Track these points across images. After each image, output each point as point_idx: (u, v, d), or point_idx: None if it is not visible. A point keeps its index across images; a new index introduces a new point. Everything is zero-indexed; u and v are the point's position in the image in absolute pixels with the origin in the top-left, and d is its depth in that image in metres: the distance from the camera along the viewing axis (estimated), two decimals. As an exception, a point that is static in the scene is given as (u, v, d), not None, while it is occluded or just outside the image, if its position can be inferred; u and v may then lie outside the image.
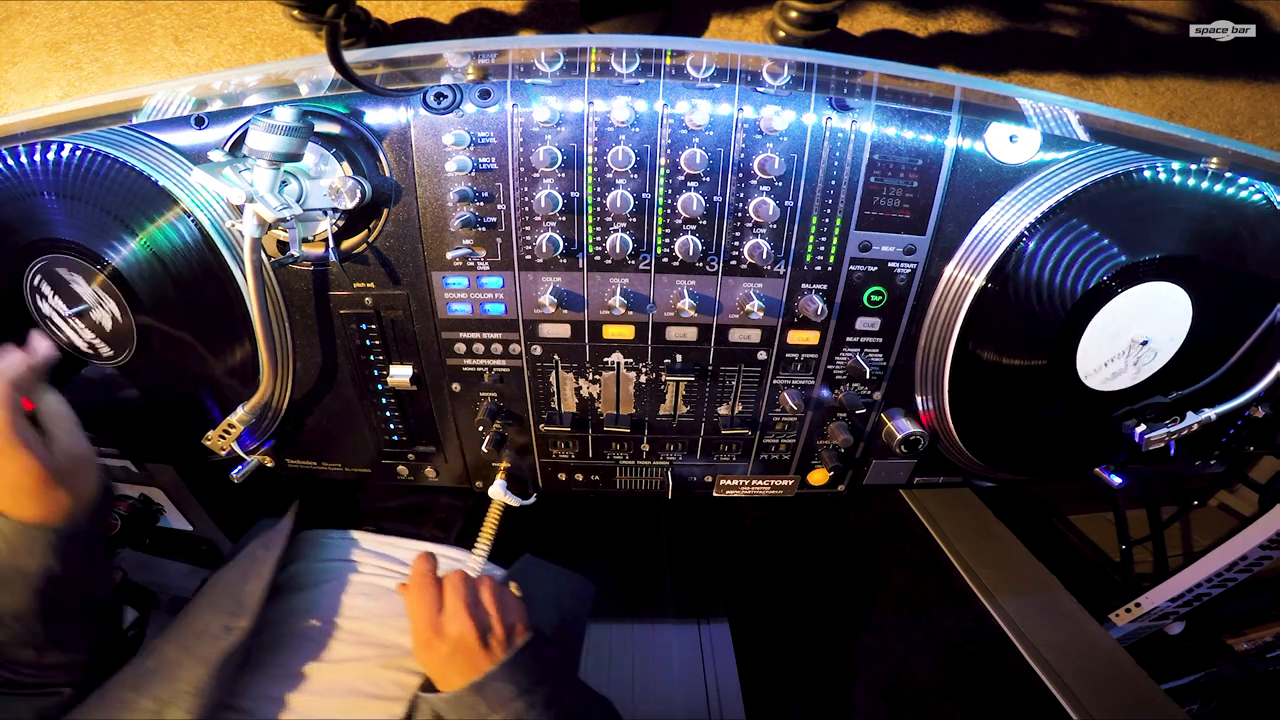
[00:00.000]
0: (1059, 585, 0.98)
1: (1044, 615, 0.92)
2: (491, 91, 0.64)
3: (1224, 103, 1.51)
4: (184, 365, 0.75)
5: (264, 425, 0.80)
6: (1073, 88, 1.49)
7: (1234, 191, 0.69)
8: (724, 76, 0.65)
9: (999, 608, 0.93)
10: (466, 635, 0.71)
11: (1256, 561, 0.99)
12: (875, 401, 0.81)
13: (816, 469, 0.88)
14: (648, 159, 0.66)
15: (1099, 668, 0.84)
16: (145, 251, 0.68)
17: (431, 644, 0.72)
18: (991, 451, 0.83)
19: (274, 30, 1.40)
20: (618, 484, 0.89)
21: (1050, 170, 0.67)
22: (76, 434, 0.64)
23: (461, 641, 0.71)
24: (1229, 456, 0.92)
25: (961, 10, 1.47)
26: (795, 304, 0.73)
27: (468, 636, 0.71)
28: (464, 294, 0.72)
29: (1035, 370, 0.74)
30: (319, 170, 0.63)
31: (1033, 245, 0.67)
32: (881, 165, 0.66)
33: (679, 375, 0.76)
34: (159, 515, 1.19)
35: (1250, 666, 1.31)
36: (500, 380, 0.79)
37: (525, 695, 0.68)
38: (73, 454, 0.62)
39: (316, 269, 0.71)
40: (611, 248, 0.67)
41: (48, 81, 1.37)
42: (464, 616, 0.72)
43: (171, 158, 0.66)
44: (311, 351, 0.76)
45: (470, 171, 0.66)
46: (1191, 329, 0.73)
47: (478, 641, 0.71)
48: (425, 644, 0.72)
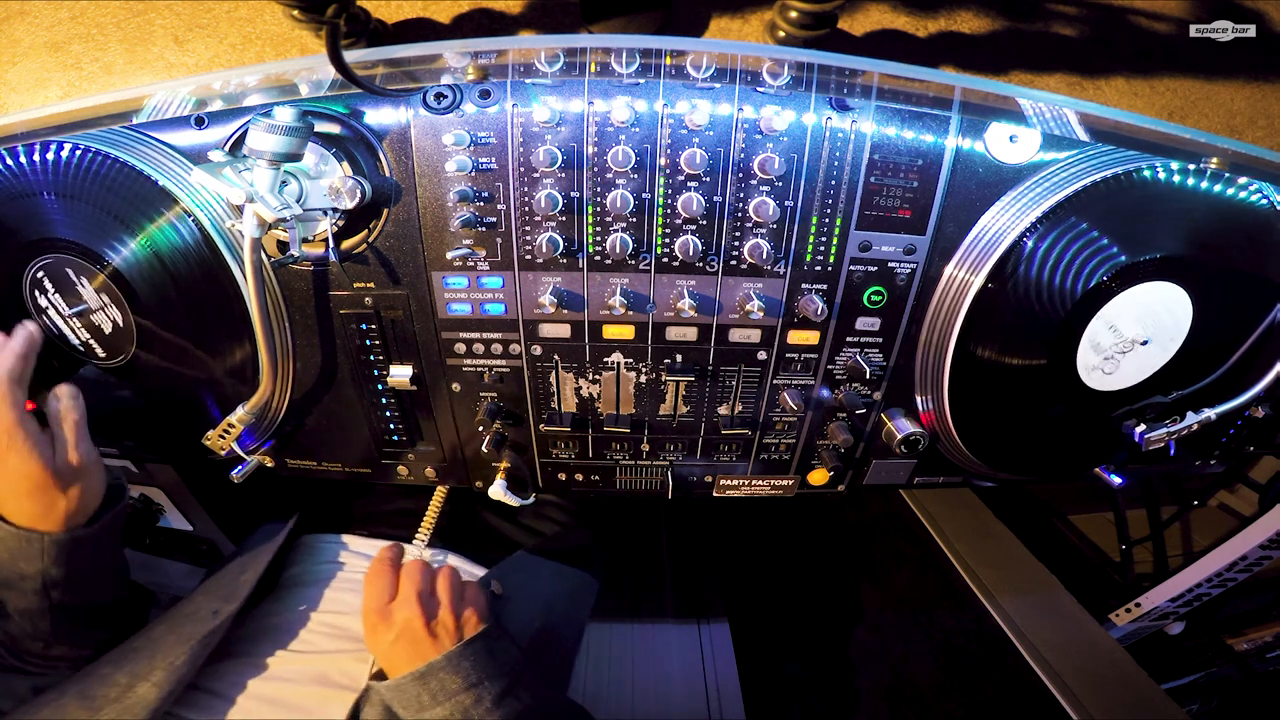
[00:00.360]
0: (1059, 585, 0.98)
1: (1044, 615, 0.92)
2: (491, 91, 0.64)
3: (1224, 103, 1.51)
4: (184, 365, 0.75)
5: (264, 425, 0.80)
6: (1073, 88, 1.49)
7: (1234, 191, 0.69)
8: (724, 76, 0.65)
9: (999, 608, 0.93)
10: (413, 621, 0.69)
11: (1256, 561, 0.99)
12: (875, 401, 0.81)
13: (816, 469, 0.88)
14: (648, 159, 0.66)
15: (1099, 668, 0.84)
16: (145, 251, 0.68)
17: (378, 629, 0.70)
18: (991, 451, 0.83)
19: (274, 30, 1.40)
20: (618, 484, 0.89)
21: (1050, 170, 0.67)
22: (82, 438, 0.63)
23: (407, 627, 0.69)
24: (1229, 456, 0.92)
25: (961, 10, 1.47)
26: (795, 304, 0.73)
27: (414, 622, 0.69)
28: (464, 294, 0.72)
29: (1035, 370, 0.74)
30: (319, 170, 0.63)
31: (1032, 245, 0.67)
32: (881, 165, 0.66)
33: (679, 375, 0.76)
34: (159, 515, 1.19)
35: (1250, 666, 1.31)
36: (500, 380, 0.79)
37: (472, 689, 0.66)
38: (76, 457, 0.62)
39: (316, 269, 0.71)
40: (611, 248, 0.67)
41: (48, 81, 1.37)
42: (413, 603, 0.70)
43: (171, 158, 0.66)
44: (311, 351, 0.76)
45: (470, 171, 0.66)
46: (1191, 329, 0.73)
47: (424, 629, 0.69)
48: (372, 628, 0.71)
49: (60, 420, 0.62)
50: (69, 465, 0.61)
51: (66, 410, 0.63)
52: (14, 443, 0.58)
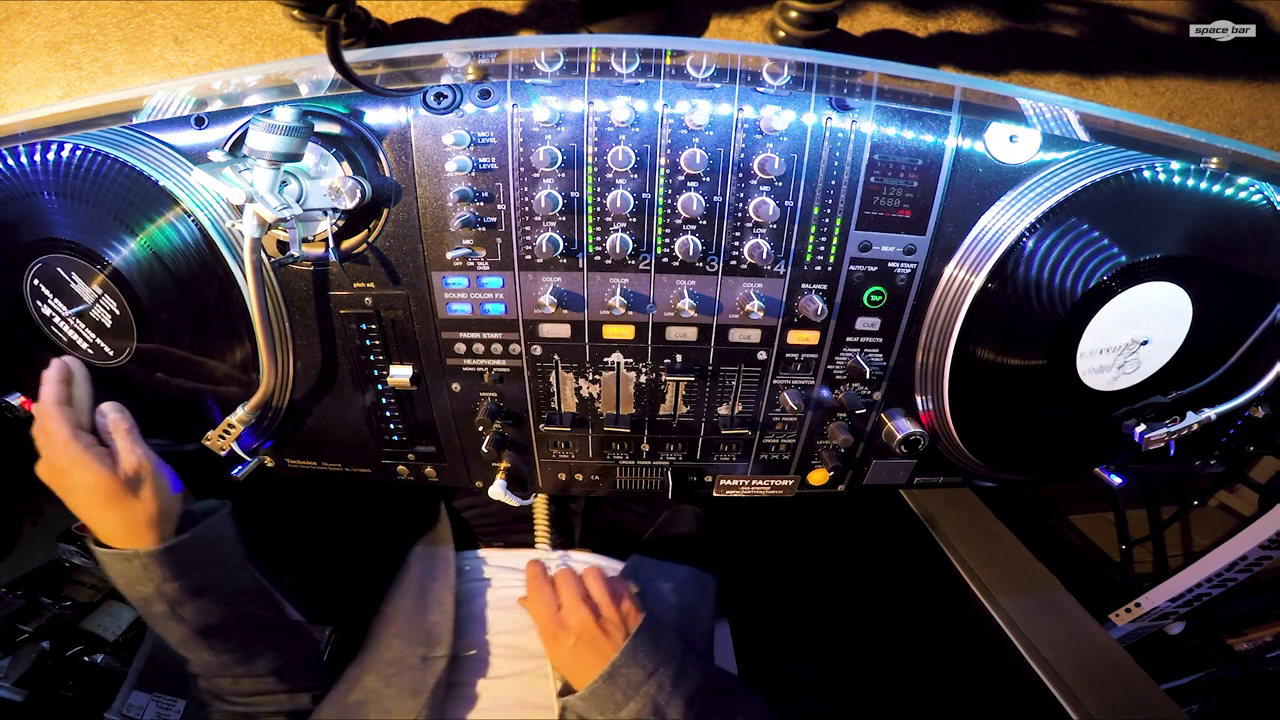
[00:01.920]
0: (1059, 585, 0.98)
1: (1044, 615, 0.92)
2: (491, 91, 0.64)
3: (1224, 103, 1.51)
4: (184, 365, 0.75)
5: (264, 425, 0.80)
6: (1073, 88, 1.49)
7: (1234, 191, 0.69)
8: (724, 76, 0.65)
9: (999, 608, 0.93)
10: (586, 622, 0.74)
11: (1256, 561, 0.99)
12: (875, 401, 0.81)
13: (816, 469, 0.88)
14: (648, 159, 0.66)
15: (1099, 668, 0.84)
16: (145, 251, 0.68)
17: (558, 638, 0.74)
18: (992, 452, 0.83)
19: (274, 30, 1.40)
20: (618, 484, 0.89)
21: (1050, 170, 0.67)
22: (138, 441, 0.65)
23: (583, 629, 0.73)
24: (1229, 456, 0.92)
25: (961, 10, 1.47)
26: (795, 304, 0.73)
27: (587, 623, 0.74)
28: (464, 294, 0.72)
29: (1035, 370, 0.74)
30: (319, 170, 0.63)
31: (1033, 245, 0.67)
32: (881, 165, 0.66)
33: (679, 375, 0.76)
34: (159, 515, 1.19)
35: (1250, 666, 1.31)
36: (500, 380, 0.79)
37: (653, 677, 0.70)
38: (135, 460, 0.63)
39: (316, 269, 0.71)
40: (611, 248, 0.67)
41: (48, 81, 1.37)
42: (580, 607, 0.75)
43: (171, 158, 0.66)
44: (311, 351, 0.76)
45: (470, 171, 0.66)
46: (1191, 329, 0.73)
47: (597, 628, 0.73)
48: (552, 639, 0.75)
49: (112, 431, 0.64)
50: (133, 469, 0.63)
51: (116, 422, 0.65)
52: (73, 456, 0.60)
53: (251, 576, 0.73)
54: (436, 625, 0.81)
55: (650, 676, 0.69)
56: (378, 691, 0.74)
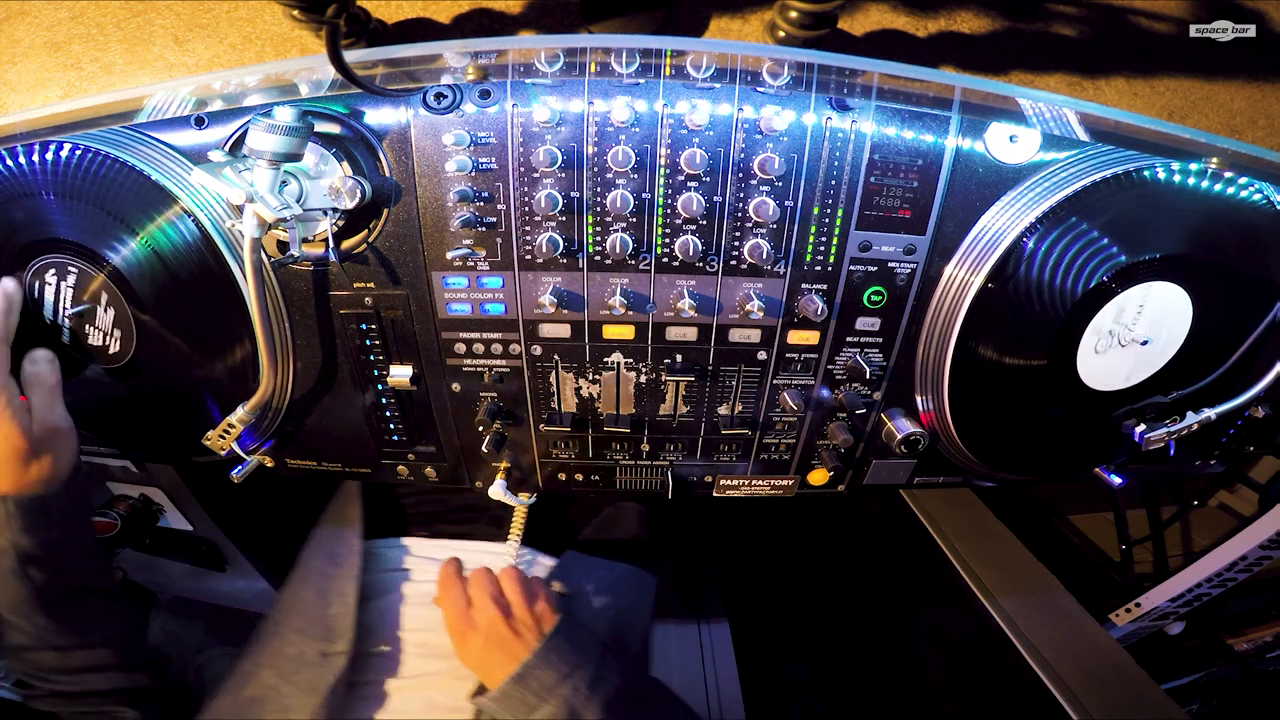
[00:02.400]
0: (1059, 585, 0.98)
1: (1044, 615, 0.92)
2: (491, 91, 0.64)
3: (1224, 103, 1.51)
4: (184, 365, 0.75)
5: (264, 425, 0.80)
6: (1073, 88, 1.49)
7: (1234, 191, 0.69)
8: (724, 76, 0.65)
9: (999, 608, 0.93)
10: (495, 622, 0.71)
11: (1256, 561, 0.99)
12: (875, 401, 0.81)
13: (816, 469, 0.88)
14: (648, 159, 0.66)
15: (1099, 668, 0.84)
16: (145, 251, 0.68)
17: (465, 636, 0.72)
18: (992, 452, 0.83)
19: (274, 30, 1.40)
20: (618, 484, 0.89)
21: (1050, 170, 0.67)
22: (57, 403, 0.62)
23: (492, 629, 0.71)
24: (1229, 456, 0.92)
25: (961, 10, 1.47)
26: (795, 304, 0.73)
27: (496, 622, 0.71)
28: (464, 294, 0.72)
29: (1035, 370, 0.74)
30: (319, 170, 0.63)
31: (1032, 245, 0.67)
32: (881, 165, 0.66)
33: (679, 375, 0.76)
34: (159, 515, 1.20)
35: (1250, 666, 1.31)
36: (500, 380, 0.79)
37: (567, 680, 0.67)
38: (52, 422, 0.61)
39: (316, 269, 0.71)
40: (611, 248, 0.67)
41: (48, 81, 1.37)
42: (490, 606, 0.72)
43: (171, 158, 0.66)
44: (311, 351, 0.76)
45: (470, 171, 0.66)
46: (1191, 329, 0.73)
47: (507, 628, 0.71)
48: (460, 637, 0.73)
49: (36, 386, 0.61)
50: (45, 431, 0.60)
51: (43, 376, 0.62)
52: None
53: (95, 541, 0.72)
54: (337, 619, 0.77)
55: (565, 679, 0.67)
56: (275, 688, 0.70)
